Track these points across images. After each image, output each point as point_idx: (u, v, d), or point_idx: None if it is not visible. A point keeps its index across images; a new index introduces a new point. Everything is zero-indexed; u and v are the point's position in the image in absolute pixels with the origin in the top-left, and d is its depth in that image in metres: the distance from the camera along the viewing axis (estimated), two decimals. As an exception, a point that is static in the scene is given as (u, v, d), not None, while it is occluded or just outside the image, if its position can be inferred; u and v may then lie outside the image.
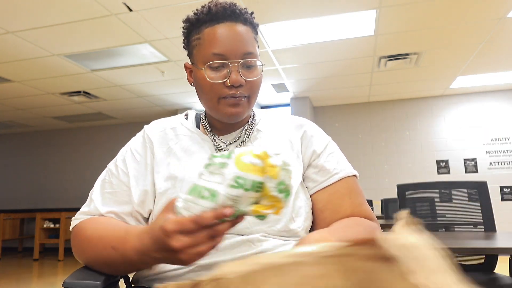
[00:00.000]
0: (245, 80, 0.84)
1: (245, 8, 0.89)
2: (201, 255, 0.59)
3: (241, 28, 0.85)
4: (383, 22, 3.71)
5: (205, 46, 0.84)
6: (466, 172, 6.03)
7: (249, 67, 0.85)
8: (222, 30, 0.83)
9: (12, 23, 3.47)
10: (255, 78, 0.86)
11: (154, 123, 0.97)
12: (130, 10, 3.30)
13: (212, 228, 0.58)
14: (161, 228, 0.60)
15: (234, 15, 0.85)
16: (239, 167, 0.54)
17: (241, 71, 0.84)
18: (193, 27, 0.88)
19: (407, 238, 0.35)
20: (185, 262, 0.61)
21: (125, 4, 3.21)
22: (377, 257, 0.33)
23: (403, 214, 0.36)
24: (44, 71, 4.65)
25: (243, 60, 0.83)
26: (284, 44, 4.15)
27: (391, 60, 4.65)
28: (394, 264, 0.32)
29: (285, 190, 0.56)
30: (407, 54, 4.53)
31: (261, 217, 0.57)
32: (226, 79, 0.83)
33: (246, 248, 0.78)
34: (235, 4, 0.87)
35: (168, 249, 0.60)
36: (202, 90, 0.87)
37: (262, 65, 0.88)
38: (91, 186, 0.92)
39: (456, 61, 4.81)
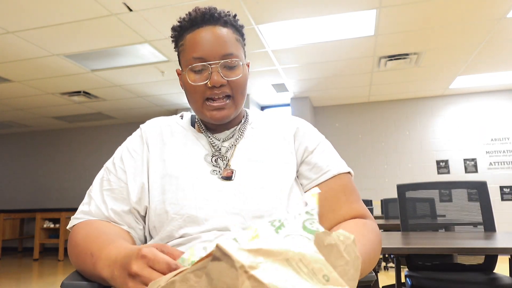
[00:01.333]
0: (226, 80, 0.86)
1: (228, 11, 0.91)
2: None
3: (220, 30, 0.87)
4: (383, 22, 3.71)
5: (187, 51, 0.87)
6: (466, 172, 6.03)
7: (230, 67, 0.87)
8: (201, 35, 0.86)
9: (12, 23, 3.48)
10: (236, 78, 0.87)
11: (150, 121, 0.99)
12: (130, 10, 3.30)
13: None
14: (138, 249, 0.61)
15: (213, 18, 0.87)
16: None
17: (222, 71, 0.86)
18: (178, 35, 0.91)
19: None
20: None
21: (125, 4, 3.21)
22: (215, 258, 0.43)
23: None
24: (44, 71, 4.65)
25: (222, 61, 0.85)
26: (284, 44, 4.15)
27: (391, 60, 4.65)
28: (230, 259, 0.41)
29: None
30: (407, 54, 4.53)
31: None
32: (207, 81, 0.85)
33: None
34: (215, 8, 0.89)
35: (124, 268, 0.61)
36: (188, 93, 0.90)
37: (243, 64, 0.90)
38: (90, 186, 0.92)
39: (456, 61, 4.81)
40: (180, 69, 0.94)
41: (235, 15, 0.92)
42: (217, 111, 0.87)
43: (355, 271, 0.53)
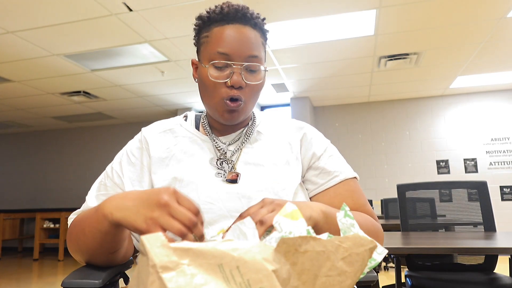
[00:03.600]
0: (246, 83, 0.84)
1: (258, 14, 0.90)
2: (167, 226, 0.56)
3: (249, 31, 0.86)
4: (383, 22, 3.71)
5: (212, 44, 0.85)
6: (466, 172, 6.03)
7: (252, 71, 0.86)
8: (230, 31, 0.84)
9: (12, 23, 3.47)
10: (256, 82, 0.86)
11: (152, 125, 0.98)
12: (130, 10, 3.30)
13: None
14: (166, 186, 0.63)
15: (244, 18, 0.86)
16: None
17: (244, 73, 0.84)
18: (204, 25, 0.89)
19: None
20: (149, 222, 0.58)
21: (125, 4, 3.21)
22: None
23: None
24: (44, 71, 4.65)
25: (246, 63, 0.84)
26: (284, 44, 4.15)
27: (391, 60, 4.65)
28: (148, 256, 0.43)
29: None
30: (407, 54, 4.53)
31: None
32: (227, 79, 0.84)
33: None
34: (248, 8, 0.88)
35: (148, 197, 0.60)
36: (204, 87, 0.88)
37: (265, 70, 0.88)
38: (91, 186, 0.92)
39: (456, 61, 4.81)
40: (197, 60, 0.92)
41: (263, 19, 0.91)
42: (228, 113, 0.86)
43: (354, 281, 0.48)
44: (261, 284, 0.42)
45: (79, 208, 0.90)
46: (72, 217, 0.88)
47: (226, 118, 0.86)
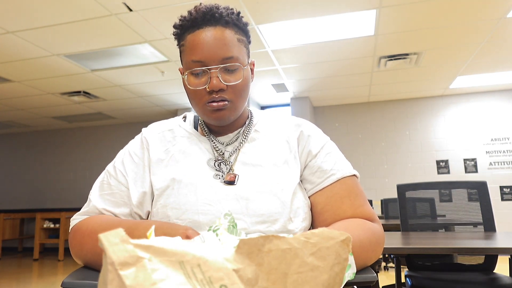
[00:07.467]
0: (226, 84, 0.84)
1: (231, 9, 0.88)
2: None
3: (221, 32, 0.84)
4: (383, 22, 3.71)
5: (187, 53, 0.85)
6: (466, 172, 6.03)
7: (230, 70, 0.84)
8: (200, 37, 0.83)
9: (12, 23, 3.48)
10: (236, 82, 0.84)
11: (152, 125, 0.98)
12: (130, 10, 3.30)
13: None
14: (185, 227, 0.70)
15: (213, 19, 0.84)
16: None
17: (222, 75, 0.83)
18: (180, 33, 0.89)
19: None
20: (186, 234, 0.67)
21: (125, 4, 3.21)
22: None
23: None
24: (44, 71, 4.65)
25: (222, 65, 0.83)
26: (284, 44, 4.15)
27: (391, 60, 4.65)
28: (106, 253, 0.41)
29: None
30: (407, 54, 4.53)
31: None
32: (206, 85, 0.83)
33: None
34: (217, 8, 0.86)
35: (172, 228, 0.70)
36: (188, 95, 0.89)
37: (246, 67, 0.87)
38: (91, 186, 0.92)
39: (456, 61, 4.81)
40: (182, 68, 0.92)
41: (238, 13, 0.89)
42: (215, 113, 0.85)
43: (332, 275, 0.47)
44: (222, 281, 0.42)
45: (79, 207, 0.90)
46: (75, 217, 0.88)
47: (214, 117, 0.86)
